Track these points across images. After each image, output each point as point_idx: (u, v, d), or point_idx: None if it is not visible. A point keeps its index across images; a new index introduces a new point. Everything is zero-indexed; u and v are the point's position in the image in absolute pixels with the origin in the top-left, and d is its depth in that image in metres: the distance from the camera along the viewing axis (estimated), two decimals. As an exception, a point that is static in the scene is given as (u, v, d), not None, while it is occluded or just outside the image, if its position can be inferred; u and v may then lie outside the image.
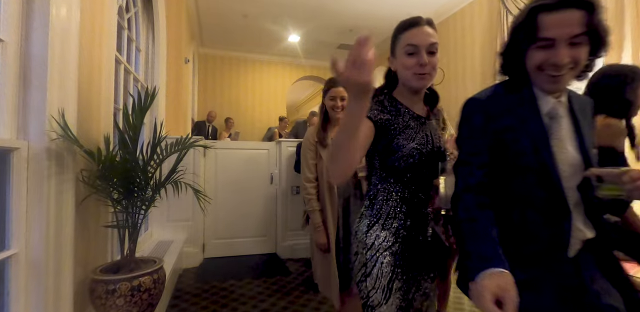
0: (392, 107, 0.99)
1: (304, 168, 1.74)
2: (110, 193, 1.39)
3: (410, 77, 0.97)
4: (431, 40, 0.95)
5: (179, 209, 3.05)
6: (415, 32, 0.95)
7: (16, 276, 1.06)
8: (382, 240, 0.95)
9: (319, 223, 1.66)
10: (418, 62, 0.93)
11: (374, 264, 0.93)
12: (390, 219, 0.97)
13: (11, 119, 1.08)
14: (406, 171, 0.96)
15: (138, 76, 2.57)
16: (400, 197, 0.97)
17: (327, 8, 4.54)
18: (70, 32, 1.24)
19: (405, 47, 0.95)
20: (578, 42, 0.73)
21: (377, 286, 0.91)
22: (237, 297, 2.44)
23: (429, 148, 0.98)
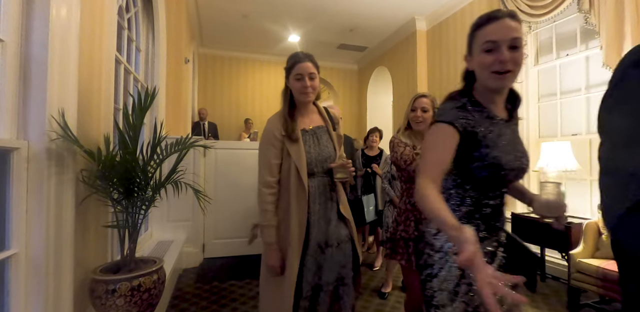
0: (475, 111, 0.92)
1: (263, 168, 1.36)
2: (110, 193, 1.39)
3: (488, 76, 0.89)
4: (513, 34, 0.85)
5: (179, 209, 3.05)
6: (493, 27, 0.86)
7: (16, 276, 1.06)
8: (451, 244, 0.91)
9: (272, 242, 1.37)
10: (497, 59, 0.85)
11: (442, 266, 0.92)
12: (462, 223, 0.92)
13: (11, 119, 1.08)
14: (486, 180, 0.91)
15: (138, 76, 2.57)
16: (474, 203, 0.94)
17: (327, 8, 4.54)
18: (70, 32, 1.24)
19: (483, 44, 0.87)
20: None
21: (443, 287, 0.90)
22: (237, 297, 2.44)
23: (511, 155, 0.91)
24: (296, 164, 1.32)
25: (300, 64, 1.33)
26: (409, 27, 5.05)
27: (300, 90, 1.35)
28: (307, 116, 1.43)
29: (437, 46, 4.72)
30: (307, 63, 1.34)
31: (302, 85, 1.34)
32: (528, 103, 3.40)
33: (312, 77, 1.34)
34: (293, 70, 1.35)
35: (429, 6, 4.51)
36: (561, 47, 3.17)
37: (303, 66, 1.33)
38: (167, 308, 2.23)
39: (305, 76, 1.33)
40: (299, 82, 1.34)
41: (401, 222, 1.61)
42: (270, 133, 1.36)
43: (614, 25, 2.44)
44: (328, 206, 1.39)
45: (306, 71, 1.33)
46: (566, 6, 2.81)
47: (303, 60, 1.34)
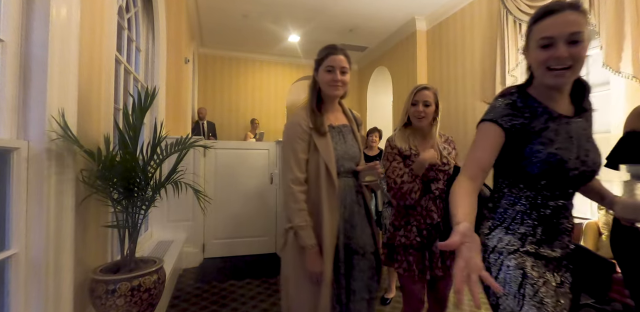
0: (527, 107, 0.87)
1: (291, 164, 1.24)
2: (110, 193, 1.39)
3: (544, 73, 0.83)
4: (572, 28, 0.77)
5: (179, 209, 3.05)
6: (550, 21, 0.80)
7: (16, 276, 1.06)
8: (505, 243, 0.87)
9: (313, 243, 1.19)
10: (552, 55, 0.79)
11: (499, 268, 0.86)
12: (516, 223, 0.89)
13: (11, 119, 1.08)
14: (540, 178, 0.85)
15: (138, 76, 2.57)
16: (530, 203, 0.89)
17: (327, 8, 4.54)
18: (70, 32, 1.24)
19: (539, 40, 0.82)
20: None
21: (507, 291, 0.83)
22: (237, 297, 2.44)
23: (573, 153, 0.84)
24: (325, 160, 1.23)
25: (334, 56, 1.26)
26: (409, 27, 5.05)
27: (329, 83, 1.27)
28: (333, 113, 1.37)
29: (437, 46, 4.72)
30: (341, 56, 1.27)
31: (333, 78, 1.26)
32: (528, 103, 3.39)
33: (343, 71, 1.28)
34: (325, 62, 1.27)
35: (429, 6, 4.51)
36: (561, 47, 3.16)
37: (336, 59, 1.26)
38: (167, 308, 2.23)
39: (337, 69, 1.26)
40: (330, 75, 1.26)
41: (400, 226, 1.47)
42: (297, 125, 1.26)
43: (614, 25, 2.44)
44: (355, 209, 1.31)
45: (339, 64, 1.26)
46: (566, 6, 2.81)
47: (337, 53, 1.27)
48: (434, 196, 1.44)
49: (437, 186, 1.44)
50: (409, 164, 1.41)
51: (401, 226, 1.47)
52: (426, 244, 1.41)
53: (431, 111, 1.45)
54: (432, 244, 1.41)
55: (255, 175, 3.59)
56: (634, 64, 2.31)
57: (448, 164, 1.44)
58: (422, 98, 1.45)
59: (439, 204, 1.43)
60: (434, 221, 1.41)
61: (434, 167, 1.42)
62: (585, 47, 0.79)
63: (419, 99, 1.45)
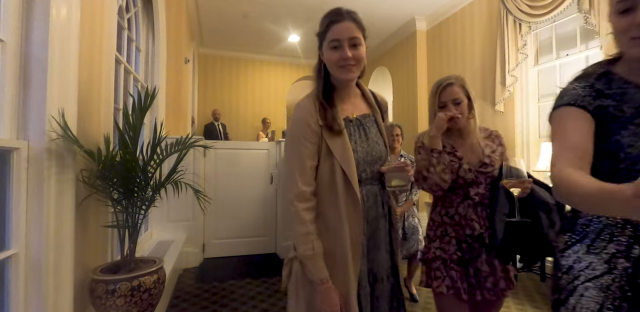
0: (616, 88, 0.71)
1: (295, 175, 0.94)
2: (110, 193, 1.39)
3: (627, 42, 0.68)
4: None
5: (179, 209, 3.05)
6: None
7: (16, 276, 1.06)
8: (584, 266, 0.70)
9: (324, 277, 0.89)
10: (635, 21, 0.65)
11: (570, 293, 0.71)
12: (601, 241, 0.70)
13: (11, 119, 1.08)
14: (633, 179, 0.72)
15: (138, 76, 2.57)
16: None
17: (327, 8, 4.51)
18: (70, 32, 1.24)
19: (617, 4, 0.69)
20: None
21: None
22: (237, 297, 2.44)
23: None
24: (342, 165, 0.93)
25: (337, 25, 0.92)
26: (409, 27, 5.05)
27: (337, 63, 0.93)
28: (349, 101, 1.04)
29: (437, 46, 4.72)
30: (347, 23, 0.92)
31: (341, 56, 0.92)
32: (528, 103, 3.40)
33: (354, 44, 0.92)
34: (327, 35, 0.94)
35: (429, 6, 4.51)
36: (561, 47, 3.16)
37: (341, 28, 0.92)
38: (167, 308, 2.23)
39: (344, 42, 0.91)
40: (336, 52, 0.93)
41: (436, 237, 1.25)
42: (304, 123, 0.95)
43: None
44: (379, 224, 1.01)
45: (345, 35, 0.91)
46: (566, 6, 2.81)
47: (342, 19, 0.92)
48: (473, 202, 1.21)
49: (477, 190, 1.21)
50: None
51: (437, 237, 1.25)
52: (468, 260, 1.19)
53: (465, 107, 1.22)
54: (476, 260, 1.18)
55: (255, 175, 3.59)
56: None
57: (491, 165, 1.21)
58: (450, 97, 1.21)
59: (481, 212, 1.20)
60: (475, 232, 1.18)
61: (472, 169, 1.21)
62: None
63: (446, 99, 1.21)
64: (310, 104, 0.98)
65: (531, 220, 1.04)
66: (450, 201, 1.24)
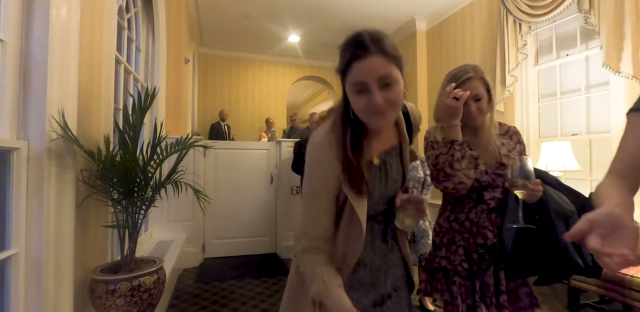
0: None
1: (306, 224, 0.80)
2: (110, 193, 1.39)
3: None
4: None
5: (179, 209, 3.05)
6: None
7: (16, 276, 1.06)
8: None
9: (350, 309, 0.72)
10: None
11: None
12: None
13: (11, 119, 1.08)
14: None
15: (138, 76, 2.57)
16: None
17: (327, 8, 4.54)
18: (70, 32, 1.24)
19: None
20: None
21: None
22: (237, 297, 2.44)
23: None
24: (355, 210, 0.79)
25: (361, 63, 0.69)
26: (409, 27, 5.05)
27: (366, 111, 0.72)
28: (378, 137, 0.85)
29: (437, 46, 4.72)
30: (374, 58, 0.69)
31: (369, 102, 0.70)
32: (528, 103, 3.40)
33: (386, 83, 0.70)
34: (349, 76, 0.72)
35: (429, 6, 4.51)
36: (561, 47, 3.16)
37: (366, 67, 0.69)
38: (167, 308, 2.23)
39: (372, 85, 0.69)
40: (362, 98, 0.70)
41: (442, 245, 1.13)
42: (323, 172, 0.78)
43: (614, 25, 2.44)
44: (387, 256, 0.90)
45: (373, 75, 0.69)
46: (566, 6, 2.81)
47: (365, 54, 0.69)
48: (487, 207, 1.07)
49: (492, 194, 1.07)
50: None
51: (443, 245, 1.12)
52: (476, 272, 1.07)
53: (485, 104, 1.07)
54: (485, 273, 1.06)
55: (256, 175, 3.59)
56: (634, 64, 2.31)
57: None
58: (473, 91, 1.04)
59: (495, 219, 1.06)
60: (488, 242, 1.05)
61: (488, 170, 1.08)
62: None
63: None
64: (331, 146, 0.77)
65: (541, 227, 0.94)
66: (461, 205, 1.11)
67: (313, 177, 0.80)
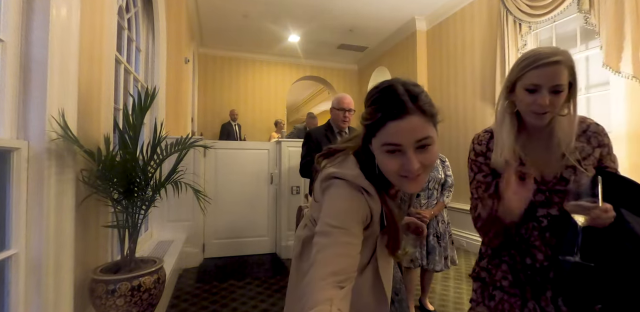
0: None
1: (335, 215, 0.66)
2: (110, 193, 1.39)
3: None
4: None
5: (179, 209, 3.05)
6: None
7: (16, 276, 1.06)
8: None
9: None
10: None
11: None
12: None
13: (11, 119, 1.08)
14: None
15: (138, 76, 2.57)
16: None
17: (327, 8, 4.54)
18: (70, 32, 1.24)
19: None
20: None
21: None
22: (237, 297, 2.44)
23: None
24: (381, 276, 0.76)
25: (398, 124, 0.63)
26: (409, 27, 5.05)
27: (397, 175, 0.66)
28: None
29: (437, 46, 4.72)
30: (413, 119, 0.63)
31: (402, 166, 0.64)
32: (528, 103, 3.40)
33: (423, 145, 0.64)
34: (380, 134, 0.65)
35: (429, 6, 4.51)
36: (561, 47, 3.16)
37: (404, 128, 0.63)
38: (167, 308, 2.23)
39: (409, 148, 0.63)
40: (394, 160, 0.65)
41: (486, 255, 1.00)
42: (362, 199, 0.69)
43: (614, 25, 2.44)
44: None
45: (410, 138, 0.63)
46: (566, 6, 2.81)
47: (403, 114, 0.63)
48: (539, 225, 0.88)
49: (547, 211, 0.88)
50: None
51: (487, 255, 0.98)
52: (529, 291, 0.88)
53: (561, 100, 0.82)
54: (540, 297, 0.87)
55: (256, 175, 3.59)
56: (634, 64, 2.31)
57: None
58: (551, 81, 0.80)
59: (550, 239, 0.86)
60: (537, 264, 0.87)
61: (547, 184, 0.87)
62: None
63: (542, 81, 0.80)
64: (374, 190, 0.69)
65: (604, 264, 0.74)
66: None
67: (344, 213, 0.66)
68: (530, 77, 0.83)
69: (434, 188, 2.16)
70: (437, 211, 2.14)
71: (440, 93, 4.56)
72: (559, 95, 0.81)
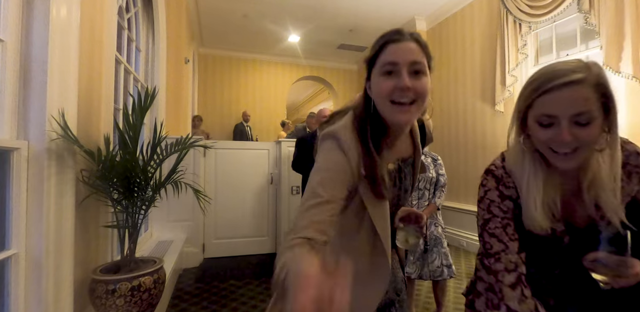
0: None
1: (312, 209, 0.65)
2: (110, 193, 1.39)
3: None
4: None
5: (179, 209, 3.05)
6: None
7: (16, 276, 1.06)
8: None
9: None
10: None
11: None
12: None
13: (11, 119, 1.08)
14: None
15: (138, 76, 2.57)
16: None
17: (327, 8, 4.54)
18: (70, 32, 1.24)
19: None
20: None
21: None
22: (237, 297, 2.44)
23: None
24: (378, 231, 0.74)
25: (396, 45, 0.69)
26: (409, 27, 5.05)
27: (389, 96, 0.69)
28: (395, 145, 0.81)
29: (437, 46, 4.72)
30: (410, 43, 0.69)
31: (396, 85, 0.68)
32: (528, 103, 3.40)
33: (416, 70, 0.69)
34: (380, 57, 0.71)
35: (429, 6, 4.51)
36: (561, 47, 3.16)
37: (402, 48, 0.69)
38: (167, 308, 2.23)
39: (403, 67, 0.68)
40: (389, 80, 0.69)
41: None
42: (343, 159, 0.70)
43: (614, 25, 2.44)
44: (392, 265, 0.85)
45: (406, 57, 0.68)
46: (566, 6, 2.81)
47: (402, 39, 0.70)
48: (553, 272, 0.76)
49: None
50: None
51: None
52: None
53: (594, 132, 0.61)
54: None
55: (256, 175, 3.59)
56: (634, 64, 2.31)
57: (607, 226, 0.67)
58: (569, 108, 0.60)
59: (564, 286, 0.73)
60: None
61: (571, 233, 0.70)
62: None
63: (557, 110, 0.60)
64: (353, 144, 0.71)
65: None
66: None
67: (327, 167, 0.70)
68: (541, 106, 0.62)
69: (425, 188, 2.08)
70: (428, 214, 2.02)
71: (440, 93, 4.56)
72: (587, 128, 0.59)
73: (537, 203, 0.67)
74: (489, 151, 3.64)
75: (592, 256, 0.61)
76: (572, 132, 0.59)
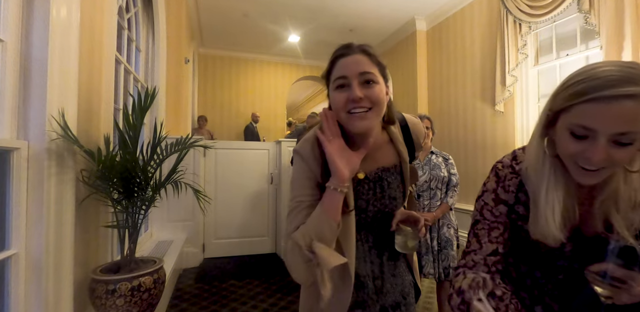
0: None
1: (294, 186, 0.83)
2: (110, 193, 1.39)
3: None
4: None
5: (179, 209, 3.05)
6: None
7: (16, 276, 1.06)
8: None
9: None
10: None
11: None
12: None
13: (11, 119, 1.08)
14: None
15: (138, 76, 2.57)
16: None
17: (327, 8, 4.54)
18: (70, 33, 1.24)
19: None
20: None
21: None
22: (237, 297, 2.44)
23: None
24: (343, 248, 0.77)
25: (344, 59, 0.74)
26: (409, 27, 5.05)
27: (345, 108, 0.73)
28: (370, 155, 0.80)
29: (437, 46, 4.72)
30: (357, 56, 0.74)
31: (348, 97, 0.72)
32: (528, 103, 3.40)
33: (367, 80, 0.73)
34: (333, 72, 0.76)
35: (429, 6, 4.51)
36: (561, 47, 3.17)
37: (348, 61, 0.73)
38: (167, 308, 2.23)
39: (353, 79, 0.72)
40: (342, 93, 0.73)
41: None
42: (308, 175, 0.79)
43: (614, 25, 2.44)
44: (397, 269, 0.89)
45: (354, 70, 0.72)
46: (566, 6, 2.82)
47: (350, 52, 0.75)
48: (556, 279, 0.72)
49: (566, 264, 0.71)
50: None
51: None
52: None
53: (632, 154, 0.55)
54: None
55: (255, 175, 3.60)
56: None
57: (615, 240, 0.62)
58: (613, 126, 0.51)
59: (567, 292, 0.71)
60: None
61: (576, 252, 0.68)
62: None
63: (599, 125, 0.52)
64: (315, 160, 0.78)
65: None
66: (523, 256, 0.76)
67: (296, 177, 0.83)
68: (580, 114, 0.53)
69: (436, 188, 2.04)
70: (440, 213, 2.00)
71: (440, 93, 4.56)
72: (625, 149, 0.52)
73: (556, 216, 0.61)
74: (489, 151, 3.64)
75: (596, 267, 0.57)
76: (608, 151, 0.52)
